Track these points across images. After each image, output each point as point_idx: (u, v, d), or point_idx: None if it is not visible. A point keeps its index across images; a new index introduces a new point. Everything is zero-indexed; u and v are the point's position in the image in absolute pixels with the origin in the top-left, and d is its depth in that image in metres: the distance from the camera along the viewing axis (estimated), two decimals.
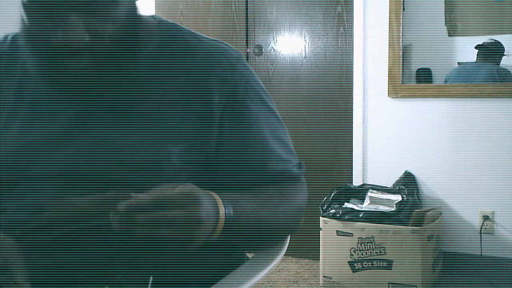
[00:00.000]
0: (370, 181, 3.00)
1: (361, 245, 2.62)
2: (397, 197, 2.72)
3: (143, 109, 0.88)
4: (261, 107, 0.96)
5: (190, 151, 0.88)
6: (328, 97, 3.13)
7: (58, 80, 0.85)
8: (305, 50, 3.17)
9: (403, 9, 2.92)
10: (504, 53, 2.89)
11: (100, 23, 0.81)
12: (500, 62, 2.92)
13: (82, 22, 0.79)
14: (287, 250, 1.01)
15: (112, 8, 0.82)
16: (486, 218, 2.83)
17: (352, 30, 3.03)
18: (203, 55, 0.93)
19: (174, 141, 0.87)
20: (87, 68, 0.82)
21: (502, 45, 2.89)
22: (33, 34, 0.83)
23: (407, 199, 2.69)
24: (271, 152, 0.94)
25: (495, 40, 2.90)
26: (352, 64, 3.04)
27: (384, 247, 2.58)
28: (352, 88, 3.05)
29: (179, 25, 0.99)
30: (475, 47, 2.94)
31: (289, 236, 1.04)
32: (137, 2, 0.89)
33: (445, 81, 2.99)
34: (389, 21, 2.92)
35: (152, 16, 0.98)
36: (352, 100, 3.05)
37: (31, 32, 0.83)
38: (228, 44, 0.99)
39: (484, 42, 2.93)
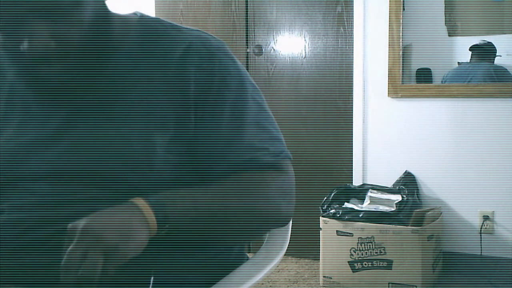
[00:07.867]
0: (370, 181, 3.00)
1: (361, 245, 2.62)
2: (397, 197, 2.72)
3: (127, 103, 0.89)
4: (240, 96, 0.94)
5: (174, 141, 0.88)
6: (328, 97, 3.13)
7: (37, 85, 0.87)
8: (305, 50, 3.17)
9: (403, 9, 2.92)
10: (497, 54, 2.90)
11: (65, 27, 0.81)
12: (494, 61, 2.93)
13: (46, 29, 0.79)
14: (287, 250, 1.01)
15: (75, 11, 0.82)
16: (486, 218, 2.83)
17: (352, 30, 3.03)
18: (183, 45, 0.93)
19: (159, 132, 0.88)
20: (60, 72, 0.84)
21: (494, 45, 2.90)
22: (2, 44, 0.84)
23: (407, 199, 2.69)
24: (240, 141, 0.91)
25: (487, 41, 2.91)
26: (352, 64, 3.04)
27: (384, 247, 2.58)
28: (352, 88, 3.05)
29: (161, 19, 0.99)
30: (470, 49, 2.94)
31: (289, 236, 1.04)
32: (106, 2, 0.89)
33: (442, 81, 2.99)
34: (389, 21, 2.92)
35: (134, 13, 0.99)
36: (352, 100, 3.05)
37: (1, 42, 0.84)
38: (211, 34, 0.98)
39: (476, 44, 2.94)
